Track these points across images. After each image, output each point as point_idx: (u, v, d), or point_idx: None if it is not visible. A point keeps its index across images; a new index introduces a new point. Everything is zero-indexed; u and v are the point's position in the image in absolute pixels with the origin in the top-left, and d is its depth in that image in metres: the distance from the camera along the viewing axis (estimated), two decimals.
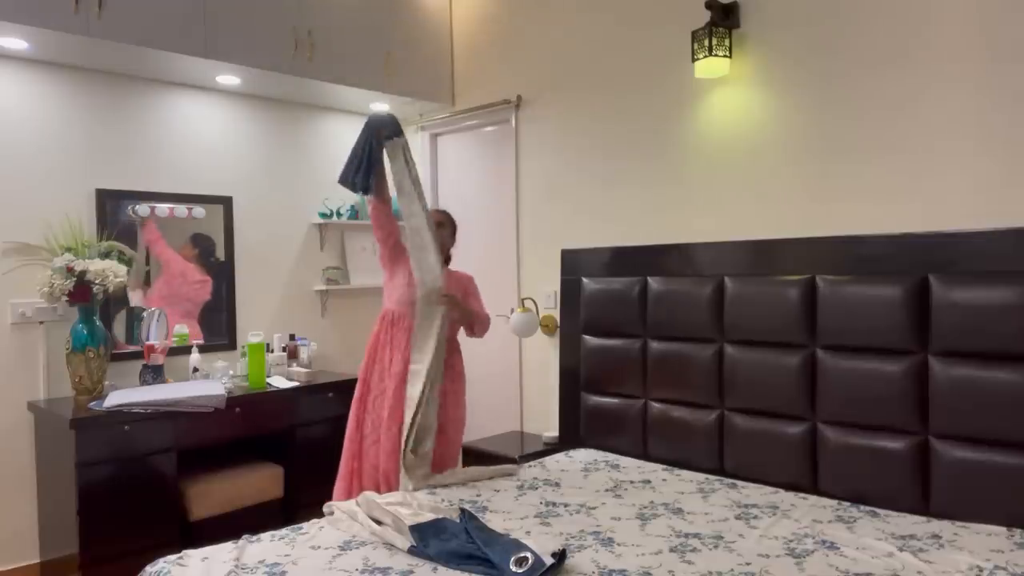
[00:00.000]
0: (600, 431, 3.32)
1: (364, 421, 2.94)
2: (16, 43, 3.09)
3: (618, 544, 2.12)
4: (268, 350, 3.87)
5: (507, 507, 2.47)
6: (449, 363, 2.97)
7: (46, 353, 3.32)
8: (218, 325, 3.93)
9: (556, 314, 3.77)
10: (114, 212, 3.53)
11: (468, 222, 4.43)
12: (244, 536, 2.21)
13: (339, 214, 4.36)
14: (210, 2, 3.38)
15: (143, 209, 3.64)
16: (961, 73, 2.53)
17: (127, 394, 3.14)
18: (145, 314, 3.55)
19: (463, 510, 2.24)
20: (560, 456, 3.17)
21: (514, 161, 4.05)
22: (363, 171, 2.82)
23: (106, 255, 3.32)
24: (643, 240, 3.40)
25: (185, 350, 3.68)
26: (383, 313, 3.01)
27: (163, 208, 3.70)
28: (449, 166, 4.56)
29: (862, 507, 2.43)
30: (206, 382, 3.46)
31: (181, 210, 3.77)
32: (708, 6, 3.03)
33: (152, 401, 3.06)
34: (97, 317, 3.28)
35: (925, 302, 2.42)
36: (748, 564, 1.96)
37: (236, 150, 4.01)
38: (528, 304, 3.76)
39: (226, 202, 3.94)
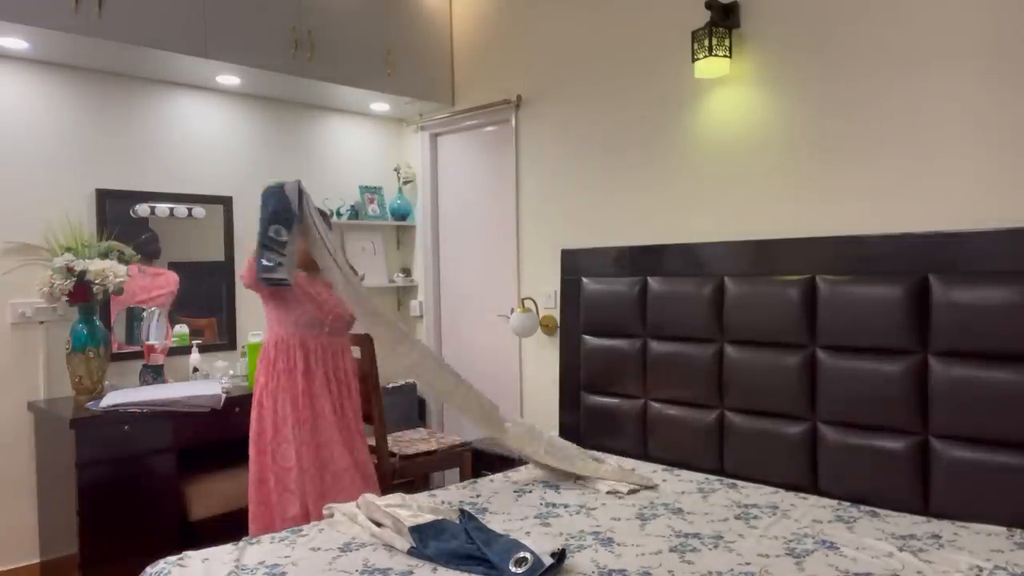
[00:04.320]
0: (600, 431, 3.31)
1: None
2: (16, 43, 3.09)
3: (618, 544, 2.12)
4: None
5: (507, 508, 2.48)
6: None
7: (46, 353, 3.33)
8: (218, 325, 3.93)
9: (556, 314, 3.77)
10: (114, 212, 3.53)
11: (468, 222, 4.46)
12: (244, 538, 2.22)
13: (339, 214, 4.36)
14: (210, 2, 3.38)
15: (143, 209, 3.64)
16: (961, 72, 2.53)
17: (124, 394, 3.14)
18: (145, 314, 3.55)
19: (463, 511, 2.24)
20: None
21: (514, 161, 4.05)
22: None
23: (106, 255, 3.32)
24: (643, 240, 3.40)
25: (185, 350, 3.67)
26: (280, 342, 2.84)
27: (163, 208, 3.70)
28: (449, 166, 4.56)
29: (862, 507, 2.43)
30: (204, 382, 3.46)
31: (181, 210, 3.77)
32: (708, 6, 3.03)
33: (148, 401, 3.06)
34: (97, 317, 3.29)
35: (925, 302, 2.42)
36: (748, 564, 1.96)
37: (236, 150, 4.01)
38: (528, 304, 3.76)
39: (226, 202, 3.94)
